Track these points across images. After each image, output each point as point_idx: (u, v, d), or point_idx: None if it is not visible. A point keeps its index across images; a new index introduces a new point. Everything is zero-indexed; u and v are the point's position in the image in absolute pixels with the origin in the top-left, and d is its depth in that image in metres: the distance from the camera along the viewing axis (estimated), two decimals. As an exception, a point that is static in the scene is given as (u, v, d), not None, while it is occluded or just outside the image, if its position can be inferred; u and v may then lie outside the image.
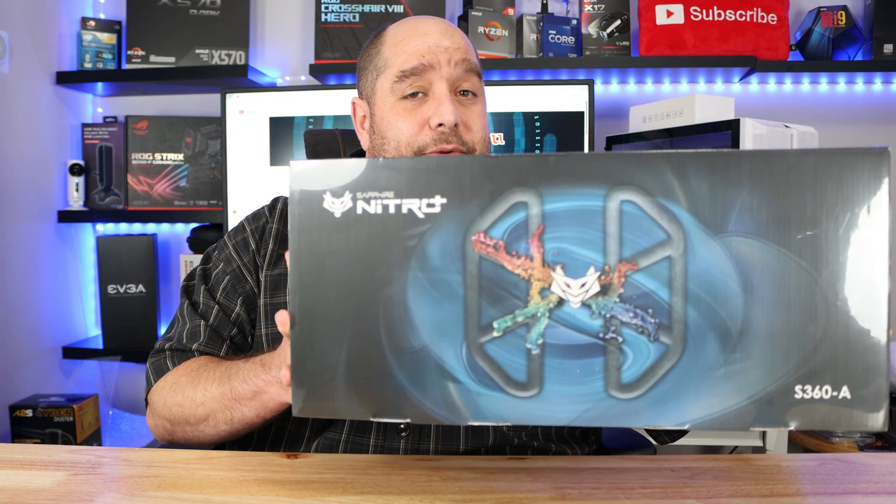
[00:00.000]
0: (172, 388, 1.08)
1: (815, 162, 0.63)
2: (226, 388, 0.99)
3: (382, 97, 1.14)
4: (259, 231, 1.21)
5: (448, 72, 1.11)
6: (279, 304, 1.14)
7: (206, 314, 1.16)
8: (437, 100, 1.10)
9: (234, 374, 0.99)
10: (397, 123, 1.12)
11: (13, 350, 2.34)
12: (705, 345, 0.64)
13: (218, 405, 1.00)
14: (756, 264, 0.64)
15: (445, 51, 1.11)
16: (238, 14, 2.52)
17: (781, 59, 2.35)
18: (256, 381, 0.95)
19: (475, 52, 1.19)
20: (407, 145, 1.11)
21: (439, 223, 0.68)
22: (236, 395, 0.98)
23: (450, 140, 1.09)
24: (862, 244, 0.63)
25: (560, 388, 0.67)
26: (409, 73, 1.11)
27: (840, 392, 0.63)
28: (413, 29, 1.14)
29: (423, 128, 1.11)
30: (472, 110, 1.14)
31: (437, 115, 1.09)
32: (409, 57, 1.11)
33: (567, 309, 0.66)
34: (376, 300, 0.69)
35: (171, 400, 1.07)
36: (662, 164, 0.64)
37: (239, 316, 1.16)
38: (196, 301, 1.19)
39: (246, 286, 1.17)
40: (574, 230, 0.66)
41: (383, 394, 0.69)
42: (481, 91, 1.17)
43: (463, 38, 1.15)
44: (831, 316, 0.63)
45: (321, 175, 0.70)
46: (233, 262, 1.19)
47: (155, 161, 2.56)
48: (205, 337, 1.14)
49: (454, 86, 1.12)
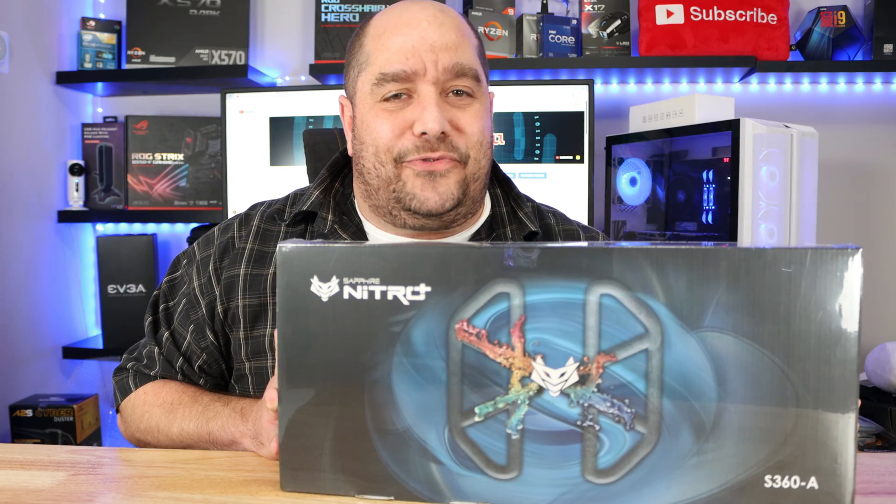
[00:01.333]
0: (143, 414, 1.09)
1: (790, 260, 0.64)
2: (203, 431, 1.01)
3: (363, 98, 1.03)
4: (221, 247, 1.13)
5: (435, 75, 0.99)
6: (259, 337, 1.09)
7: (159, 340, 1.15)
8: (422, 104, 0.99)
9: (211, 418, 1.01)
10: (376, 126, 1.01)
11: (13, 350, 2.37)
12: (679, 435, 0.67)
13: (193, 442, 1.02)
14: (730, 359, 0.66)
15: (432, 49, 0.98)
16: (238, 14, 2.52)
17: (781, 59, 2.35)
18: (233, 432, 0.97)
19: (476, 41, 1.07)
20: (386, 151, 1.01)
21: (424, 311, 0.69)
22: (213, 439, 1.00)
23: (435, 148, 0.99)
24: (833, 341, 0.64)
25: (539, 471, 0.69)
26: (391, 79, 0.99)
27: (808, 482, 0.66)
28: (397, 18, 1.01)
29: (404, 133, 1.00)
30: (467, 111, 1.02)
31: (420, 121, 0.98)
32: (390, 56, 0.99)
33: (546, 397, 0.68)
34: (362, 383, 0.71)
35: (143, 425, 1.08)
36: (642, 260, 0.66)
37: (189, 346, 1.13)
38: (157, 319, 1.17)
39: (198, 313, 1.12)
40: (555, 322, 0.67)
41: (368, 472, 0.72)
42: (479, 88, 1.03)
43: (457, 26, 1.02)
44: (801, 409, 0.65)
45: (309, 259, 0.71)
46: (192, 283, 1.14)
47: (155, 161, 2.58)
48: (159, 367, 1.13)
49: (445, 87, 1.01)
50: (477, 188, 1.04)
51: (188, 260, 1.16)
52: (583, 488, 0.68)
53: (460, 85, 1.00)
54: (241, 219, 1.16)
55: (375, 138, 1.01)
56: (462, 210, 1.05)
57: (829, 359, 0.64)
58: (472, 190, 1.03)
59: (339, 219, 1.12)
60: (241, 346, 1.10)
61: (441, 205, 1.00)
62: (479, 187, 1.05)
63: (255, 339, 1.09)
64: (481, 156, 1.03)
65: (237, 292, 1.10)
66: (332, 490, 0.73)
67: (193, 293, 1.13)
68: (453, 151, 1.00)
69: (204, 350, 1.12)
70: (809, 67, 2.35)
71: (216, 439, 0.99)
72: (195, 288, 1.13)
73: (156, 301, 1.18)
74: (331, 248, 0.71)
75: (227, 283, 1.11)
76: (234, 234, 1.14)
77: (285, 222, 1.13)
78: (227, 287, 1.11)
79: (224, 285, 1.11)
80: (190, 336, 1.13)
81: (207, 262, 1.13)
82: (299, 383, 0.72)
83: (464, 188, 1.02)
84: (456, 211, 1.03)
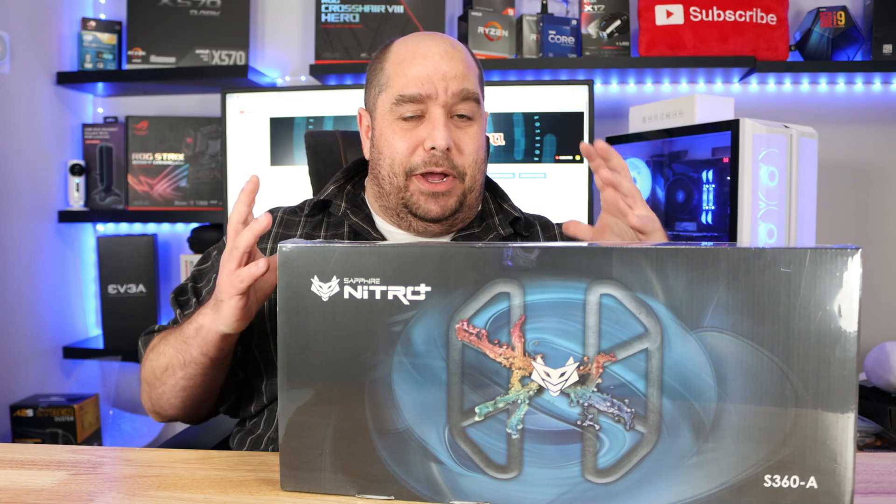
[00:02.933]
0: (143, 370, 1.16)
1: (789, 260, 0.65)
2: (178, 334, 1.07)
3: (382, 114, 1.21)
4: None
5: (445, 100, 1.17)
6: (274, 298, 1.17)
7: (185, 305, 1.25)
8: (432, 124, 1.17)
9: (186, 322, 1.07)
10: (393, 142, 1.19)
11: (13, 350, 2.37)
12: (679, 434, 0.67)
13: (173, 350, 1.08)
14: (730, 359, 0.66)
15: (443, 78, 1.17)
16: (238, 14, 2.52)
17: (781, 59, 2.35)
18: (198, 319, 1.03)
19: (478, 69, 1.25)
20: (400, 164, 1.18)
21: (424, 310, 0.70)
22: (185, 336, 1.05)
23: (440, 163, 1.16)
24: (832, 341, 0.65)
25: (538, 471, 0.69)
26: (408, 100, 1.17)
27: (808, 482, 0.66)
28: (415, 49, 1.20)
29: (416, 149, 1.18)
30: (467, 133, 1.20)
31: (430, 138, 1.16)
32: (408, 81, 1.17)
33: (546, 397, 0.68)
34: (362, 382, 0.71)
35: (146, 363, 1.15)
36: (642, 260, 0.66)
37: None
38: (180, 300, 1.26)
39: None
40: (555, 322, 0.68)
41: (368, 472, 0.72)
42: (478, 114, 1.22)
43: (463, 59, 1.21)
44: (801, 409, 0.65)
45: (310, 259, 0.71)
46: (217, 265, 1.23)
47: (155, 161, 2.58)
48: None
49: (450, 110, 1.19)
50: (473, 197, 1.23)
51: (218, 251, 1.28)
52: (583, 488, 0.69)
53: (464, 110, 1.19)
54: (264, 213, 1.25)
55: (392, 152, 1.19)
56: (460, 216, 1.23)
57: (829, 359, 0.65)
58: (469, 199, 1.22)
59: (351, 208, 1.27)
60: (264, 307, 1.18)
61: (442, 214, 1.19)
62: (474, 196, 1.24)
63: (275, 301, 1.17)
64: (476, 171, 1.21)
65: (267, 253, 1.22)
66: (332, 490, 0.73)
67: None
68: (453, 168, 1.18)
69: None
70: (809, 68, 2.35)
71: (186, 335, 1.04)
72: None
73: (183, 286, 1.27)
74: (331, 248, 0.71)
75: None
76: None
77: (304, 213, 1.29)
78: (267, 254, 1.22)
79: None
80: None
81: None
82: (299, 383, 0.73)
83: (461, 200, 1.21)
84: (454, 217, 1.22)
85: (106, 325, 2.52)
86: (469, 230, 1.27)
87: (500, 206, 1.33)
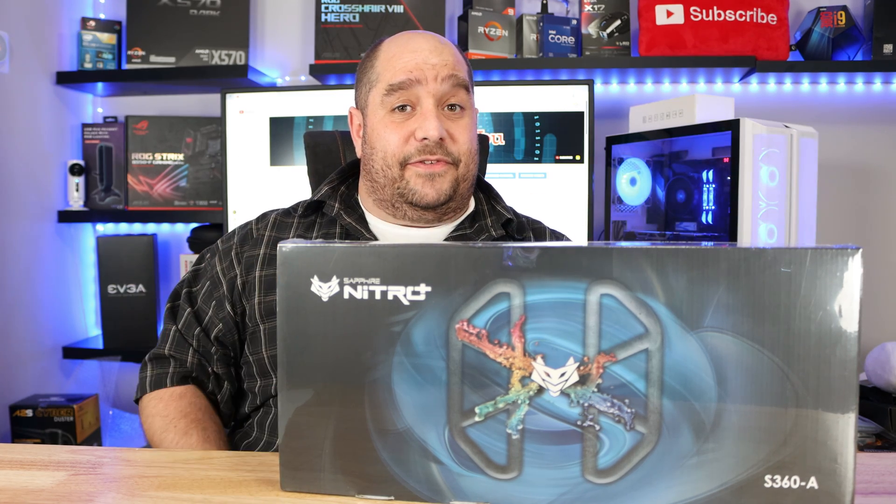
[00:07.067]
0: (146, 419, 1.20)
1: (790, 260, 0.64)
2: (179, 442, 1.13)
3: (374, 109, 1.23)
4: (241, 236, 1.29)
5: (435, 87, 1.18)
6: (272, 301, 1.22)
7: (178, 318, 1.27)
8: (423, 115, 1.18)
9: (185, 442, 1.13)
10: (386, 135, 1.20)
11: (13, 350, 2.38)
12: (679, 435, 0.67)
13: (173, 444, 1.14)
14: (730, 359, 0.66)
15: (433, 67, 1.18)
16: (238, 14, 2.52)
17: (781, 59, 2.35)
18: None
19: (467, 65, 1.26)
20: (393, 156, 1.20)
21: (424, 310, 0.69)
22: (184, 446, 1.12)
23: (433, 152, 1.18)
24: (833, 341, 0.64)
25: (539, 471, 0.69)
26: (397, 87, 1.19)
27: (808, 482, 0.66)
28: (404, 45, 1.22)
29: (408, 140, 1.19)
30: (459, 123, 1.21)
31: (421, 129, 1.17)
32: (397, 72, 1.19)
33: (546, 397, 0.68)
34: (362, 382, 0.71)
35: (145, 426, 1.20)
36: (642, 260, 0.66)
37: (210, 318, 1.25)
38: (175, 305, 1.29)
39: (220, 290, 1.26)
40: (555, 322, 0.67)
41: (368, 472, 0.72)
42: (469, 104, 1.24)
43: (453, 53, 1.22)
44: (801, 410, 0.65)
45: (309, 259, 0.71)
46: (214, 268, 1.28)
47: (155, 161, 2.58)
48: (169, 343, 1.26)
49: (441, 100, 1.20)
50: (465, 187, 1.25)
51: (211, 253, 1.31)
52: (583, 488, 0.68)
53: (454, 99, 1.20)
54: (257, 217, 1.33)
55: (384, 146, 1.20)
56: (453, 205, 1.25)
57: (829, 359, 0.65)
58: (462, 188, 1.23)
59: (345, 209, 1.28)
60: (256, 309, 1.23)
61: (437, 199, 1.20)
62: (466, 186, 1.25)
63: (268, 304, 1.23)
64: (469, 160, 1.23)
65: (255, 267, 1.25)
66: (332, 490, 0.73)
67: (216, 276, 1.27)
68: (447, 156, 1.19)
69: (221, 320, 1.24)
70: (809, 67, 2.35)
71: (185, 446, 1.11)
72: (218, 271, 1.27)
73: (178, 290, 1.30)
74: (331, 248, 0.71)
75: (248, 262, 1.26)
76: (253, 226, 1.31)
77: (298, 214, 1.30)
78: (248, 265, 1.26)
79: (245, 264, 1.26)
80: (211, 311, 1.25)
81: (230, 249, 1.28)
82: (299, 383, 0.72)
83: (455, 186, 1.21)
84: (447, 206, 1.23)
85: (106, 326, 2.52)
86: (461, 230, 1.28)
87: (493, 207, 1.34)
